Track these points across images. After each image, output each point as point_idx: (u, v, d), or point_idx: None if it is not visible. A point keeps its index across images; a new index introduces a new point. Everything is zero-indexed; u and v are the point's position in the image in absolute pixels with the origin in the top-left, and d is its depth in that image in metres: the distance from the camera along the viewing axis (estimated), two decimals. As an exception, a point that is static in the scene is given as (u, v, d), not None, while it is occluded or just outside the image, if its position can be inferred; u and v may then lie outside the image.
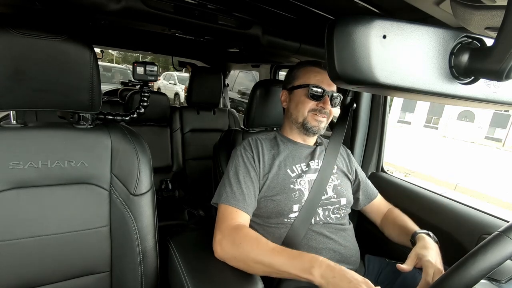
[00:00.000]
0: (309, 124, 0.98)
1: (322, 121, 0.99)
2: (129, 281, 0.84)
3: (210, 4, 1.04)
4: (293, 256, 0.72)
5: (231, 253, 0.77)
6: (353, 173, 1.10)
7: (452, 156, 9.56)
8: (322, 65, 1.00)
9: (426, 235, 0.88)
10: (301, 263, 0.70)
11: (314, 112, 0.97)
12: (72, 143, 0.79)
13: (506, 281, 0.65)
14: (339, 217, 0.97)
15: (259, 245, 0.76)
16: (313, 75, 0.98)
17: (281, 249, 0.75)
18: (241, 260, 0.76)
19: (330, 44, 0.37)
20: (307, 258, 0.70)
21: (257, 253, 0.74)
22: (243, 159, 0.94)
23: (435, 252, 0.82)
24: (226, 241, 0.79)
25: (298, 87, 0.99)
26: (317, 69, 0.99)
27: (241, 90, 5.37)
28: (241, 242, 0.77)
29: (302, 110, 0.98)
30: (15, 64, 0.70)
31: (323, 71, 0.98)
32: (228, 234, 0.80)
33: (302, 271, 0.69)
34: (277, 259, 0.72)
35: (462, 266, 0.49)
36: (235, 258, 0.77)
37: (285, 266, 0.71)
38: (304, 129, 1.00)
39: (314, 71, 0.99)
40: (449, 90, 0.39)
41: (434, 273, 0.74)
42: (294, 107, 1.01)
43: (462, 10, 0.51)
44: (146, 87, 1.43)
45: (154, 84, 9.66)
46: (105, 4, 0.90)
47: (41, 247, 0.75)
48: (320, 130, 1.00)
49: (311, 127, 0.98)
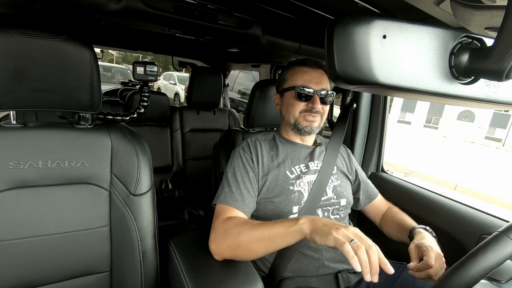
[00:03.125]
0: (301, 125, 0.98)
1: (314, 121, 0.98)
2: (129, 281, 0.84)
3: (210, 4, 1.04)
4: (277, 223, 0.74)
5: (224, 244, 0.77)
6: (353, 173, 1.10)
7: (452, 156, 9.56)
8: (309, 63, 0.98)
9: (424, 229, 0.89)
10: (287, 222, 0.72)
11: (305, 113, 0.97)
12: (72, 143, 0.79)
13: (506, 281, 0.65)
14: (339, 218, 0.97)
15: (245, 225, 0.77)
16: (300, 75, 0.97)
17: (266, 222, 0.77)
18: (235, 247, 0.76)
19: (330, 44, 0.37)
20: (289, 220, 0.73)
21: (246, 232, 0.75)
22: (241, 160, 0.94)
23: (433, 241, 0.84)
24: (217, 235, 0.79)
25: (287, 90, 0.99)
26: (304, 68, 0.98)
27: (241, 90, 5.37)
28: (230, 229, 0.77)
29: (293, 112, 0.98)
30: (15, 64, 0.70)
31: (311, 70, 0.97)
32: (219, 229, 0.80)
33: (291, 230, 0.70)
34: (265, 229, 0.74)
35: (462, 266, 0.49)
36: (229, 247, 0.76)
37: (274, 231, 0.73)
38: (298, 130, 1.00)
39: (301, 71, 0.97)
40: (449, 90, 0.39)
41: (435, 257, 0.75)
42: (286, 110, 1.01)
43: (462, 10, 0.51)
44: (146, 87, 1.43)
45: (154, 84, 9.66)
46: (105, 4, 0.90)
47: (41, 247, 0.75)
48: (313, 129, 0.99)
49: (303, 128, 0.98)
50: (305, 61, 0.99)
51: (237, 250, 0.76)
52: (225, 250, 0.77)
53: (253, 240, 0.74)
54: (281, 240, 0.72)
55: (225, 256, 0.78)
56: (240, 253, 0.77)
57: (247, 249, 0.75)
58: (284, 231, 0.71)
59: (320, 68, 0.98)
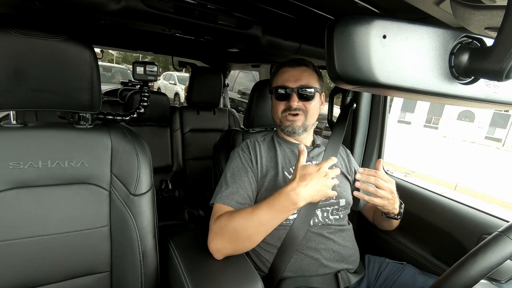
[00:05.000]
0: (284, 125, 1.00)
1: (295, 120, 0.98)
2: (129, 281, 0.84)
3: (210, 4, 1.04)
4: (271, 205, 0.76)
5: (223, 240, 0.78)
6: (352, 173, 1.10)
7: (452, 156, 9.56)
8: (291, 63, 0.99)
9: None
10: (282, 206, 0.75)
11: (286, 112, 0.98)
12: (72, 143, 0.79)
13: (506, 281, 0.65)
14: (338, 218, 0.97)
15: (240, 215, 0.78)
16: (280, 76, 1.00)
17: (259, 205, 0.78)
18: (235, 239, 0.77)
19: (330, 44, 0.37)
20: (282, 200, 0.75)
21: (242, 222, 0.77)
22: (241, 160, 0.94)
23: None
24: (214, 234, 0.80)
25: (271, 92, 1.03)
26: (285, 68, 0.99)
27: (241, 90, 5.37)
28: (224, 225, 0.78)
29: (277, 113, 1.01)
30: (15, 64, 0.70)
31: (290, 69, 0.98)
32: (214, 227, 0.81)
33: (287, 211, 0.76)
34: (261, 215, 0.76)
35: (462, 266, 0.49)
36: (229, 241, 0.78)
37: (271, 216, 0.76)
38: (282, 130, 1.02)
39: (281, 72, 1.00)
40: (449, 90, 0.39)
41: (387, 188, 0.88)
42: (272, 111, 1.05)
43: (462, 10, 0.51)
44: (146, 87, 1.42)
45: (154, 84, 9.66)
46: (105, 4, 0.90)
47: (41, 247, 0.75)
48: (296, 129, 0.98)
49: (285, 128, 1.00)
50: (288, 61, 1.01)
51: (238, 243, 0.78)
52: (226, 246, 0.78)
53: (252, 229, 0.76)
54: (280, 218, 0.77)
55: (227, 252, 0.79)
56: (241, 245, 0.79)
57: (247, 239, 0.78)
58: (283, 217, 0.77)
59: (301, 66, 0.99)
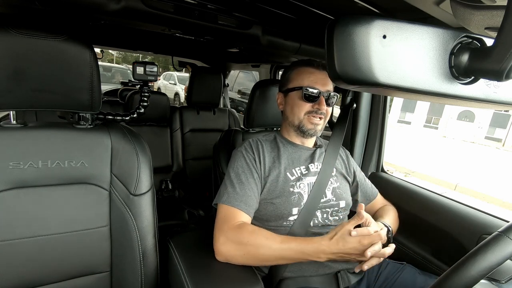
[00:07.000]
0: (305, 127, 0.98)
1: (319, 124, 0.98)
2: (129, 281, 0.84)
3: (210, 4, 1.04)
4: (301, 248, 0.78)
5: (238, 253, 0.79)
6: (352, 174, 1.10)
7: (452, 156, 9.56)
8: (315, 64, 0.98)
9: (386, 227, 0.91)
10: (307, 254, 0.77)
11: (310, 114, 0.96)
12: (72, 143, 0.79)
13: (506, 281, 0.65)
14: (338, 219, 0.96)
15: (266, 239, 0.79)
16: (307, 76, 0.96)
17: (288, 241, 0.79)
18: (251, 257, 0.79)
19: (330, 44, 0.37)
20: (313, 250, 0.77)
21: (266, 248, 0.78)
22: (245, 160, 0.94)
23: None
24: (231, 242, 0.80)
25: (293, 90, 0.98)
26: (311, 69, 0.97)
27: (241, 90, 5.37)
28: (248, 240, 0.79)
29: (298, 113, 0.97)
30: (15, 64, 0.70)
31: (316, 71, 0.96)
32: (232, 235, 0.80)
33: (310, 258, 0.78)
34: (287, 251, 0.78)
35: (462, 266, 0.49)
36: (243, 256, 0.79)
37: (295, 256, 0.78)
38: (301, 132, 0.99)
39: (308, 72, 0.97)
40: (449, 90, 0.39)
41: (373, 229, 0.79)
42: (290, 110, 1.00)
43: (462, 10, 0.51)
44: (146, 87, 1.42)
45: (154, 84, 9.66)
46: (105, 4, 0.90)
47: (41, 247, 0.75)
48: (317, 132, 0.99)
49: (307, 130, 0.98)
50: (311, 62, 0.99)
51: (251, 261, 0.80)
52: (238, 258, 0.80)
53: (272, 257, 0.79)
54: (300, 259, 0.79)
55: (234, 261, 0.80)
56: (252, 262, 0.80)
57: (262, 261, 0.80)
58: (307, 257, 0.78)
59: (325, 70, 0.98)
